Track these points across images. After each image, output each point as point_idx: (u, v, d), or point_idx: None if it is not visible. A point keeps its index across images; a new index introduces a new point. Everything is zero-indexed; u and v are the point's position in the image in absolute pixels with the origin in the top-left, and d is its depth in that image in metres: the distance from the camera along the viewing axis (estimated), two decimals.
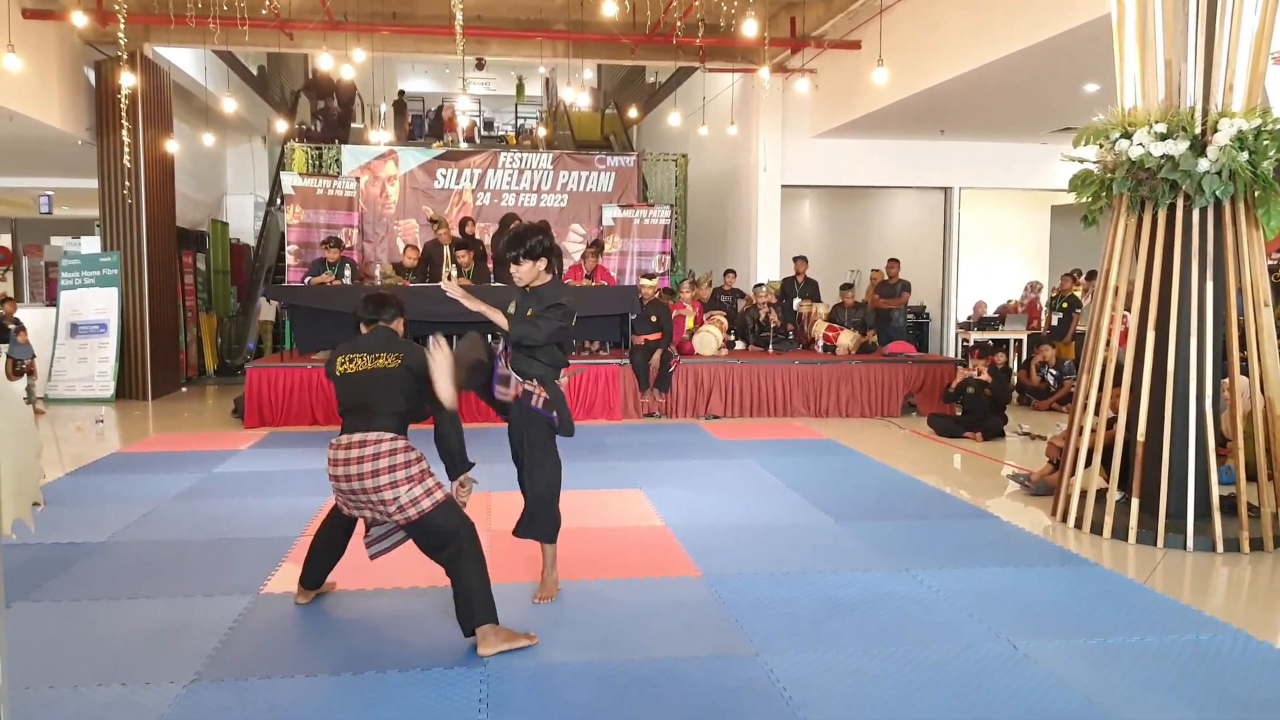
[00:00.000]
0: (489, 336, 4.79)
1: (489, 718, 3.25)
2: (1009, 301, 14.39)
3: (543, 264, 4.35)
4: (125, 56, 10.06)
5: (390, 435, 3.83)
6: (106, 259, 11.93)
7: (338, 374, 4.02)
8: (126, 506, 6.14)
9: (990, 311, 13.70)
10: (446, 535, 3.80)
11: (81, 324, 11.85)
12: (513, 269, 4.36)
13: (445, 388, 3.81)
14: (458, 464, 4.11)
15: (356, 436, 3.81)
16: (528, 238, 4.32)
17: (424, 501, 3.77)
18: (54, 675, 3.58)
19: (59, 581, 4.69)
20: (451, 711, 3.30)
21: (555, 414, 4.38)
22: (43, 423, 10.02)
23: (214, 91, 13.97)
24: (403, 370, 3.94)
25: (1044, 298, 14.03)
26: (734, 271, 12.77)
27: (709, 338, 10.60)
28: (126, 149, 10.78)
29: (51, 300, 13.66)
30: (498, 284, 10.58)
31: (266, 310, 14.69)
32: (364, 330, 4.20)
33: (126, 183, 11.44)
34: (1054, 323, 12.38)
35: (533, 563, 4.96)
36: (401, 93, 24.52)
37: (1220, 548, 5.36)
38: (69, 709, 3.32)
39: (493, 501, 6.28)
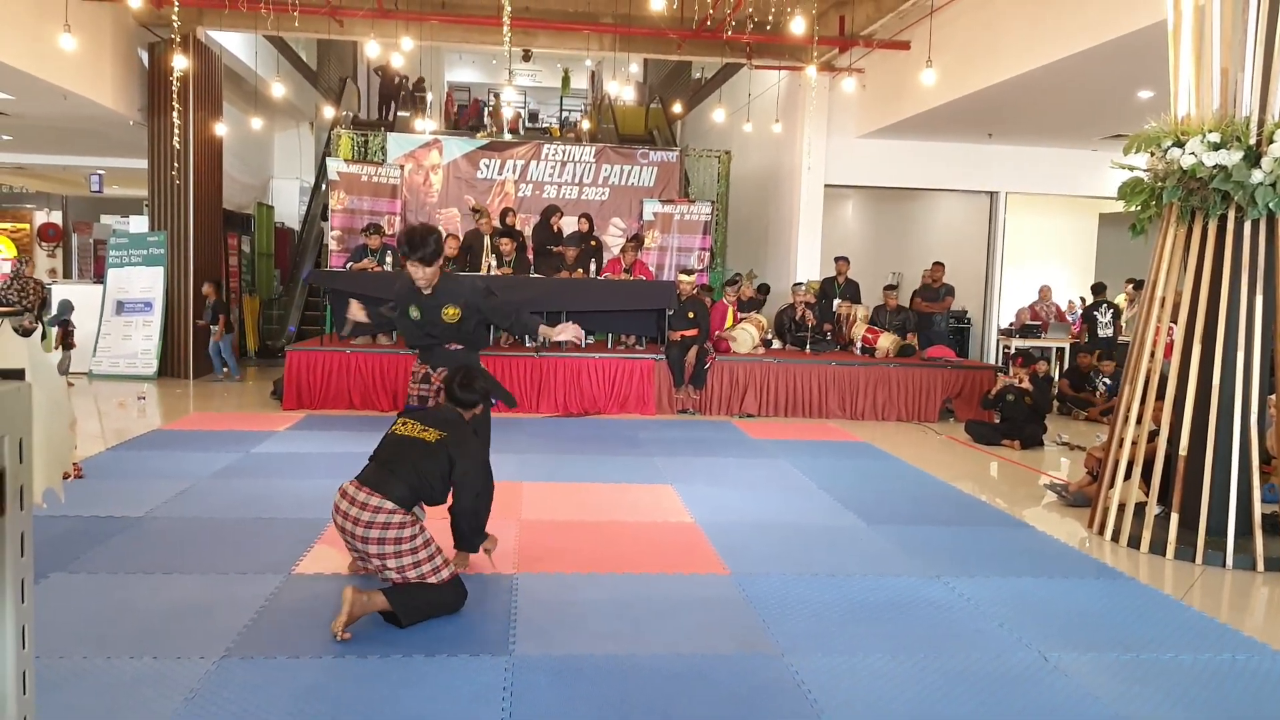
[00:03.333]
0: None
1: (513, 706, 3.26)
2: (1039, 306, 14.18)
3: (439, 264, 4.64)
4: (178, 39, 10.21)
5: (391, 507, 3.92)
6: (154, 238, 12.11)
7: (392, 430, 4.20)
8: (165, 483, 6.23)
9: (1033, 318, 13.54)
10: (428, 586, 3.95)
11: (127, 302, 12.04)
12: (419, 270, 4.59)
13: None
14: (462, 542, 4.46)
15: (364, 495, 3.93)
16: (430, 239, 4.57)
17: (431, 579, 3.95)
18: (88, 645, 3.64)
19: (96, 554, 4.77)
20: (476, 699, 3.32)
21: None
22: (86, 398, 10.20)
23: (264, 76, 14.14)
24: (438, 447, 4.05)
25: (1062, 305, 13.94)
26: (768, 286, 12.82)
27: (745, 335, 10.56)
28: (176, 130, 10.95)
29: (99, 278, 13.89)
30: (536, 274, 10.63)
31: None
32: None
33: (175, 164, 11.61)
34: (1095, 331, 12.23)
35: (564, 555, 5.00)
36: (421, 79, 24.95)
37: (1261, 566, 5.26)
38: (102, 679, 3.37)
39: (524, 491, 6.31)
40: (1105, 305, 12.14)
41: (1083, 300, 14.27)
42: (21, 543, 0.96)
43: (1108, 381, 10.93)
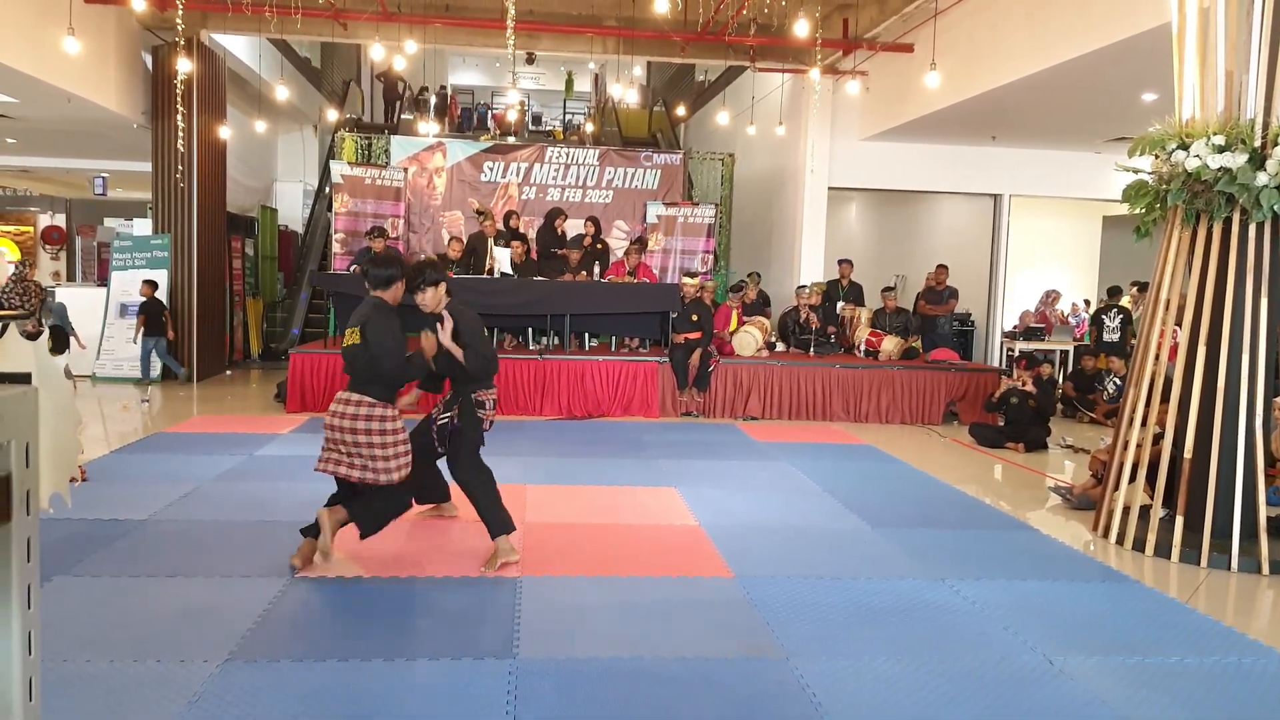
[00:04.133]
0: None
1: (517, 710, 3.26)
2: (1047, 309, 14.18)
3: (443, 289, 4.83)
4: (182, 42, 10.23)
5: (371, 400, 4.44)
6: (157, 241, 12.11)
7: (343, 344, 4.56)
8: (168, 486, 6.23)
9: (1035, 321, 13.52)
10: (378, 494, 4.43)
11: (131, 305, 12.03)
12: (419, 297, 4.78)
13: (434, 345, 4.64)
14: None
15: (347, 394, 4.49)
16: (427, 269, 4.84)
17: (383, 476, 4.44)
18: (92, 649, 3.64)
19: (100, 557, 4.77)
20: (480, 702, 3.31)
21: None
22: (89, 401, 10.21)
23: (267, 79, 14.16)
24: (362, 345, 4.43)
25: (1064, 307, 13.92)
26: (758, 274, 12.83)
27: (748, 338, 10.56)
28: (180, 134, 10.96)
29: (103, 280, 13.90)
30: (540, 277, 10.63)
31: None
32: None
33: (179, 167, 11.63)
34: (1101, 335, 12.21)
35: (568, 558, 5.00)
36: (443, 87, 25.07)
37: (1266, 569, 5.24)
38: (105, 683, 3.37)
39: (528, 494, 6.31)
40: (1114, 310, 12.12)
41: (1087, 303, 14.24)
42: (28, 548, 0.96)
43: (1118, 382, 10.89)
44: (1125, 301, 12.67)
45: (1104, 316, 12.16)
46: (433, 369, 4.71)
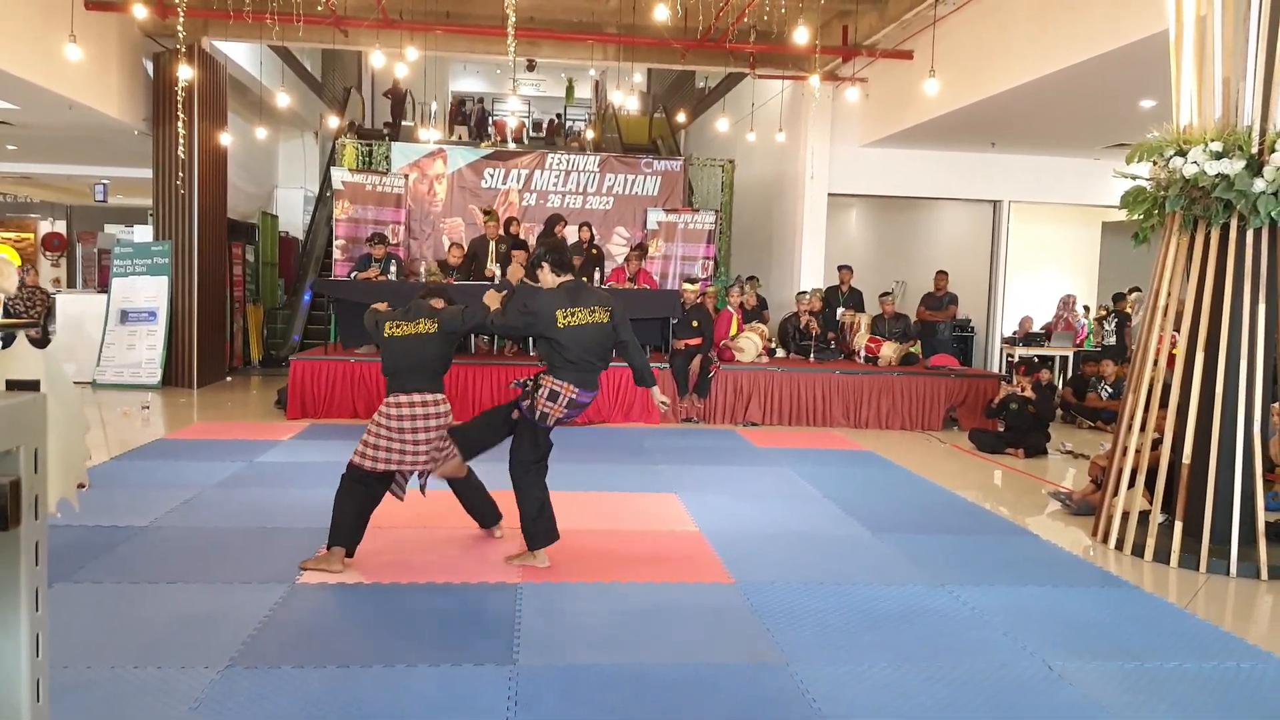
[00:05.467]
0: None
1: (517, 716, 3.27)
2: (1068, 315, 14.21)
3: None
4: (183, 49, 10.25)
5: (443, 397, 4.82)
6: (158, 248, 12.13)
7: (390, 336, 4.81)
8: (169, 492, 6.24)
9: (1036, 327, 13.54)
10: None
11: (131, 311, 12.05)
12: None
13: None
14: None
15: (431, 397, 4.76)
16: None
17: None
18: (92, 655, 3.64)
19: (101, 563, 4.78)
20: (480, 708, 3.32)
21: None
22: (90, 407, 10.21)
23: (268, 86, 14.19)
24: (438, 330, 4.87)
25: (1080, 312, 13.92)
26: (756, 278, 12.85)
27: (748, 344, 10.57)
28: (181, 140, 10.97)
29: (104, 287, 13.93)
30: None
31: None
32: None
33: (180, 173, 11.65)
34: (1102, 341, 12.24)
35: (568, 563, 5.01)
36: (479, 100, 25.18)
37: (1265, 575, 5.25)
38: (106, 689, 3.38)
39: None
40: (1112, 315, 12.14)
41: (1086, 309, 14.27)
42: (36, 552, 0.98)
43: (1109, 389, 10.91)
44: (1129, 307, 12.69)
45: (1103, 322, 12.22)
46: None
